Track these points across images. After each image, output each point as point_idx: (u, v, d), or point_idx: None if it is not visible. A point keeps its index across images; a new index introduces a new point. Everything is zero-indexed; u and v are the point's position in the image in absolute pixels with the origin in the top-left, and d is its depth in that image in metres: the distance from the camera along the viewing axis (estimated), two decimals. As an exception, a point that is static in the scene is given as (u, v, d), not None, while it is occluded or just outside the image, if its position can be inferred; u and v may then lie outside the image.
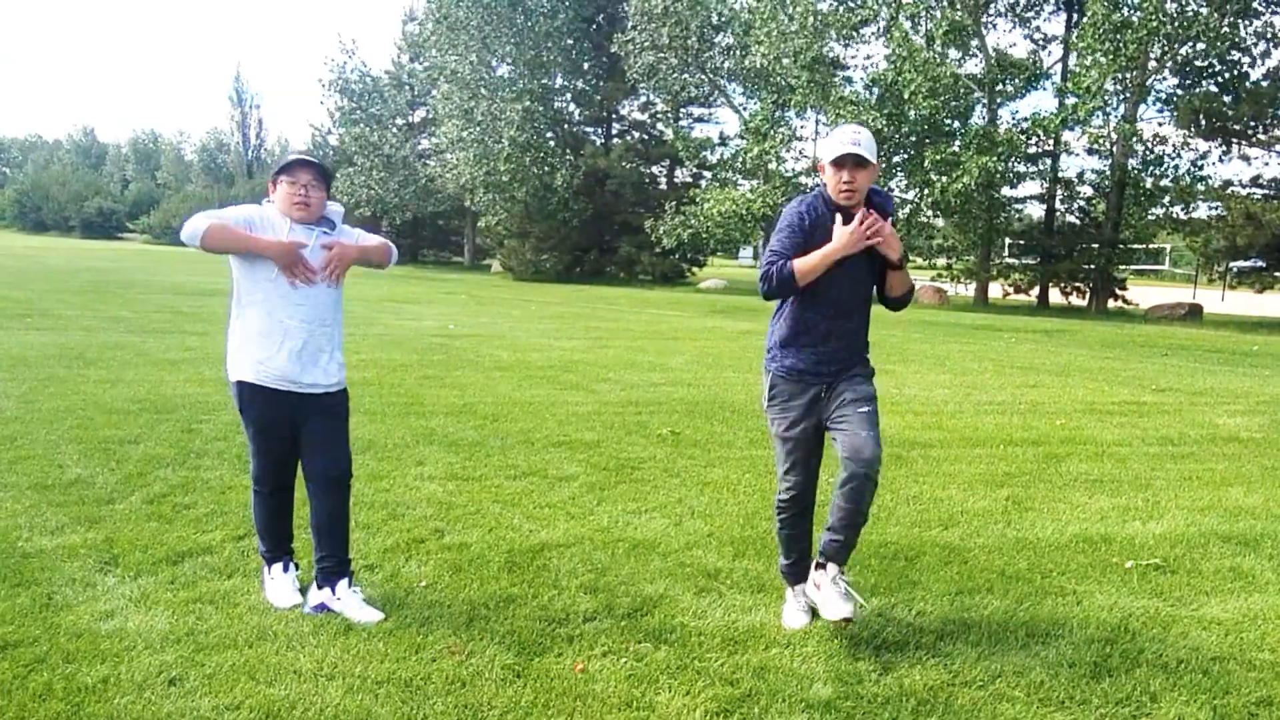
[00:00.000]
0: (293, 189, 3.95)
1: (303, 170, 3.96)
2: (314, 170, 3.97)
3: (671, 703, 3.32)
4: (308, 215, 3.98)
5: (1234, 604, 4.46)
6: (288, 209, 3.97)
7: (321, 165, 4.03)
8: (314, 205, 3.98)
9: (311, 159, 4.02)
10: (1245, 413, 9.96)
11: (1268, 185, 29.08)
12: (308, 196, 3.95)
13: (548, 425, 8.05)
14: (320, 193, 4.00)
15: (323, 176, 4.01)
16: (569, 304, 24.79)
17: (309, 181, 3.95)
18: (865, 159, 3.69)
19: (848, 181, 3.72)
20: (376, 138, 51.85)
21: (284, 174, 3.96)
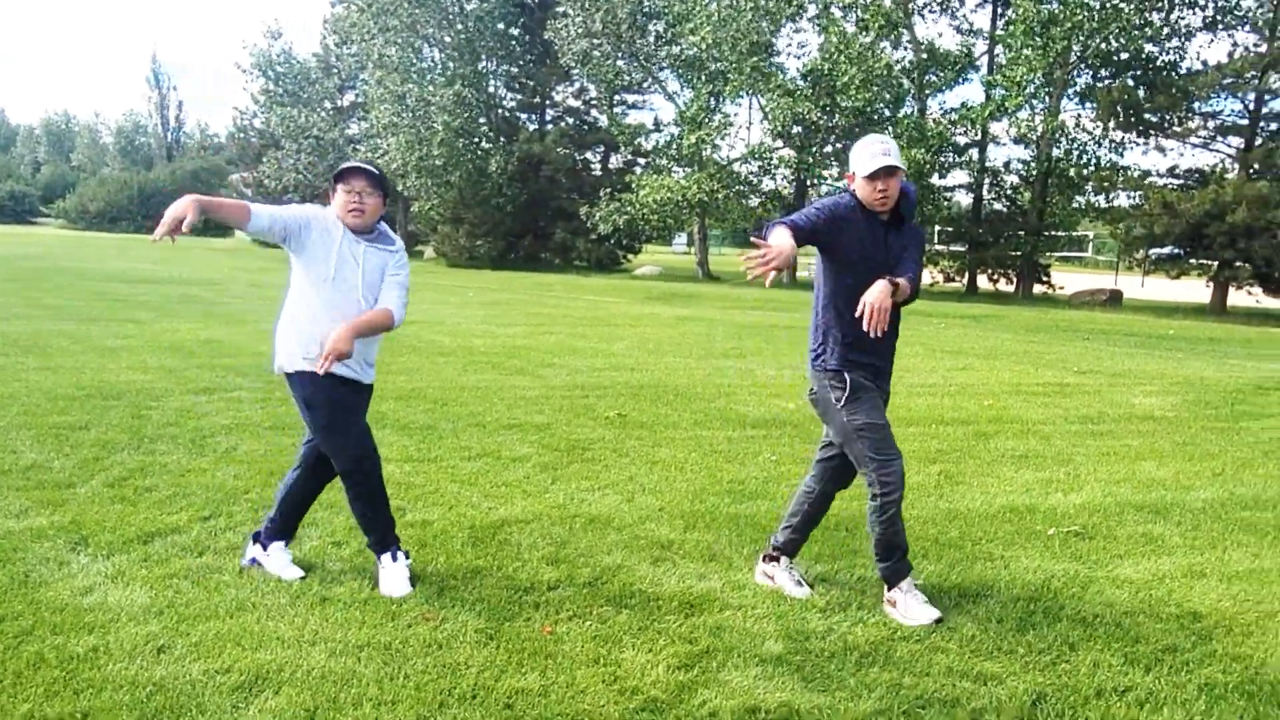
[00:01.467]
0: (349, 196, 4.00)
1: (357, 177, 4.01)
2: (369, 177, 4.02)
3: (636, 659, 3.57)
4: (363, 222, 4.04)
5: (1144, 565, 4.84)
6: (343, 215, 4.03)
7: (378, 172, 4.07)
8: (369, 212, 4.03)
9: (368, 166, 4.05)
10: (1160, 393, 10.49)
11: (1183, 176, 30.14)
12: (362, 203, 4.01)
13: (497, 409, 8.23)
14: (375, 200, 4.05)
15: (378, 184, 4.06)
16: (506, 290, 24.88)
17: (363, 189, 4.01)
18: (896, 167, 3.92)
19: (883, 189, 3.94)
20: (304, 120, 50.82)
21: (339, 180, 4.03)
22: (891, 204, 4.00)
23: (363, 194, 4.01)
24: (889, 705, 3.31)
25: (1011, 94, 28.69)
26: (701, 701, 3.29)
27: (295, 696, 3.20)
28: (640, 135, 41.21)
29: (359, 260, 4.04)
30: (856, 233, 4.01)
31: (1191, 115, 29.65)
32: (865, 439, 4.07)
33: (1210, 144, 30.07)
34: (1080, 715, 3.30)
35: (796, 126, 31.82)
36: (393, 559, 4.17)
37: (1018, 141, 33.07)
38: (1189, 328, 21.17)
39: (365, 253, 4.06)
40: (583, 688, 3.36)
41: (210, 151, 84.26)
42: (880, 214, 4.03)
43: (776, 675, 3.50)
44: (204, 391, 8.40)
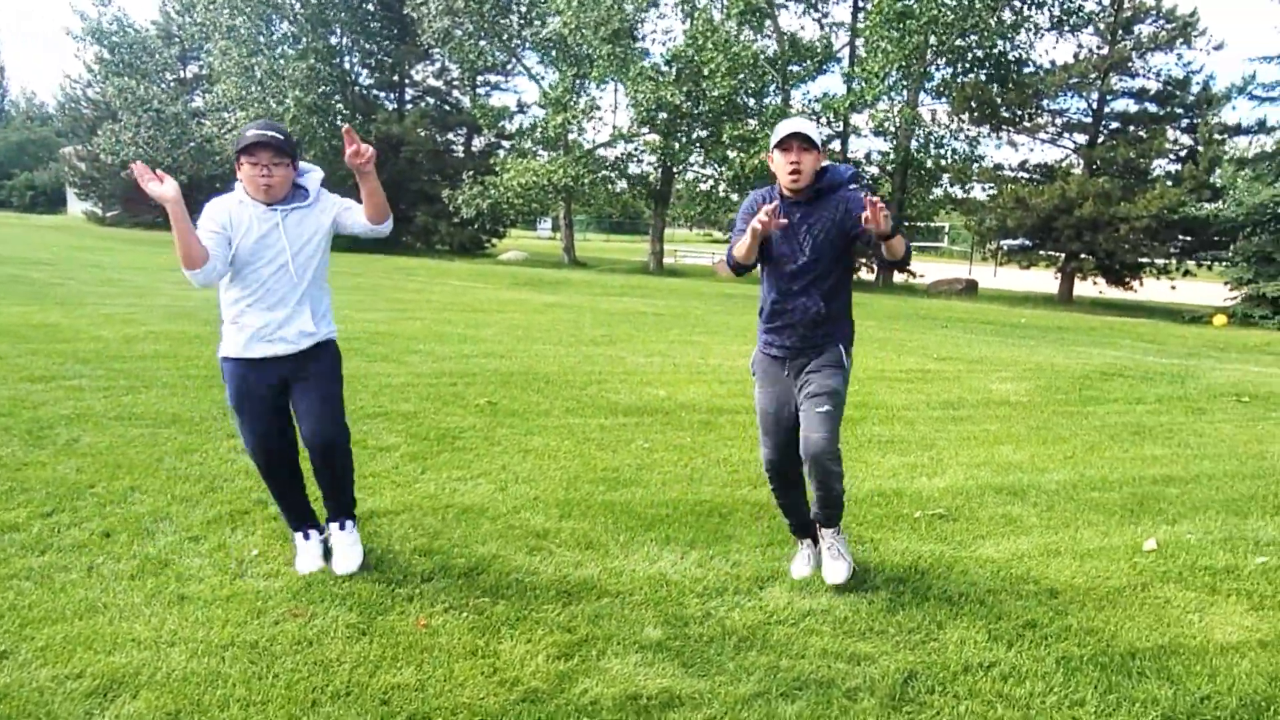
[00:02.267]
0: (255, 170, 3.83)
1: (262, 149, 3.81)
2: (272, 148, 3.82)
3: (514, 650, 3.51)
4: (274, 194, 3.87)
5: (1005, 545, 5.02)
6: (254, 191, 3.86)
7: (282, 139, 3.86)
8: (279, 183, 3.87)
9: (271, 135, 3.81)
10: (1014, 379, 10.94)
11: (1033, 170, 31.58)
12: (271, 175, 3.83)
13: (361, 397, 8.00)
14: (284, 169, 3.87)
15: (284, 151, 3.85)
16: (366, 274, 24.24)
17: (270, 160, 3.82)
18: (810, 138, 3.91)
19: (794, 161, 3.92)
20: (144, 92, 48.08)
21: (244, 155, 3.83)
22: (804, 183, 4.00)
23: (270, 165, 3.84)
24: (767, 687, 3.34)
25: (870, 85, 29.49)
26: (582, 690, 3.26)
27: (155, 700, 3.03)
28: (504, 118, 40.74)
29: (281, 232, 3.91)
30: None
31: (1041, 112, 31.12)
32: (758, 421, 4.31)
33: (1057, 140, 31.61)
34: (949, 691, 3.39)
35: (662, 113, 31.97)
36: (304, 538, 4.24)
37: (877, 133, 34.05)
38: (1040, 317, 22.20)
39: (285, 220, 3.93)
40: (461, 680, 3.28)
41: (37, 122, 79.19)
42: (796, 197, 4.03)
43: (656, 661, 3.49)
44: (40, 380, 7.89)
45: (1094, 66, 29.08)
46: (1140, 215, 26.32)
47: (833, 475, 4.02)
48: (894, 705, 3.28)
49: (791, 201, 4.06)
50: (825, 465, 3.98)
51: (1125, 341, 16.77)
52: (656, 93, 30.99)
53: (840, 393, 4.09)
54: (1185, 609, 4.27)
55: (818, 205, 4.06)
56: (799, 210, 4.06)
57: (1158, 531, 5.36)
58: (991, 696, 3.37)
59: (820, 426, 3.98)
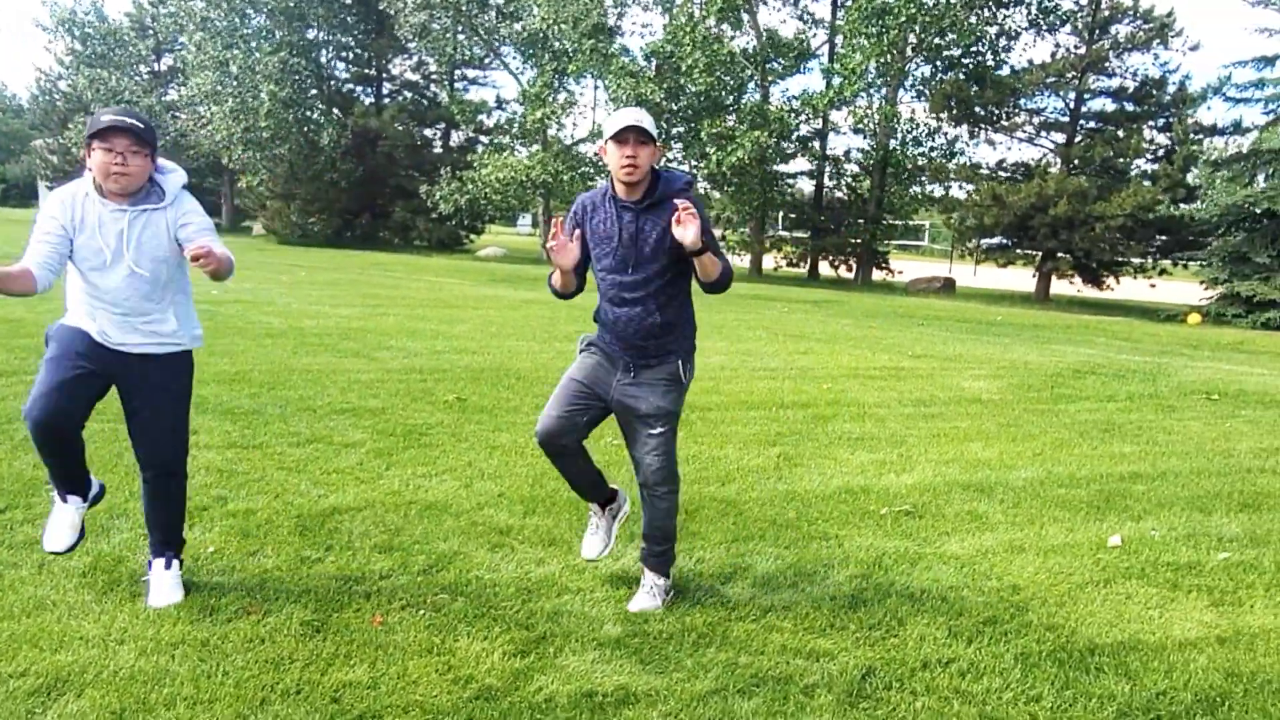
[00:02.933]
0: (108, 156, 3.42)
1: (119, 135, 3.41)
2: (132, 135, 3.43)
3: (470, 647, 3.47)
4: (128, 186, 3.48)
5: (970, 542, 5.02)
6: (104, 180, 3.46)
7: (142, 127, 3.46)
8: (134, 174, 3.47)
9: (129, 120, 3.43)
10: (988, 377, 10.97)
11: (1010, 169, 31.72)
12: (126, 165, 3.43)
13: (329, 393, 7.93)
14: (142, 160, 3.47)
15: (143, 140, 3.46)
16: (341, 270, 24.11)
17: (127, 148, 3.42)
18: (647, 132, 3.71)
19: (630, 156, 3.70)
20: (116, 84, 47.56)
21: (96, 139, 3.43)
22: (640, 176, 3.77)
23: (126, 154, 3.44)
24: (724, 684, 3.32)
25: (849, 82, 29.54)
26: (537, 688, 3.22)
27: (100, 699, 2.97)
28: (482, 112, 40.61)
29: (127, 232, 3.52)
30: (599, 218, 3.86)
31: (1018, 111, 31.27)
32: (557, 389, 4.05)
33: (1035, 139, 31.77)
34: (907, 687, 3.38)
35: (640, 107, 31.92)
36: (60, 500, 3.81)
37: (857, 131, 34.12)
38: (1016, 315, 22.31)
39: (132, 221, 3.52)
40: (415, 678, 3.24)
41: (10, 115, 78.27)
42: (631, 199, 3.82)
43: (614, 658, 3.47)
44: (0, 374, 7.79)
45: (1071, 66, 29.25)
46: (1116, 214, 26.49)
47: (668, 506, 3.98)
48: (850, 701, 3.26)
49: (624, 205, 3.83)
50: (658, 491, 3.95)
51: (1100, 339, 16.86)
52: (636, 89, 30.97)
53: (674, 413, 3.95)
54: (1146, 605, 4.28)
55: (653, 211, 3.82)
56: (642, 217, 3.82)
57: (1123, 528, 5.38)
58: (949, 693, 3.36)
59: (654, 450, 3.90)
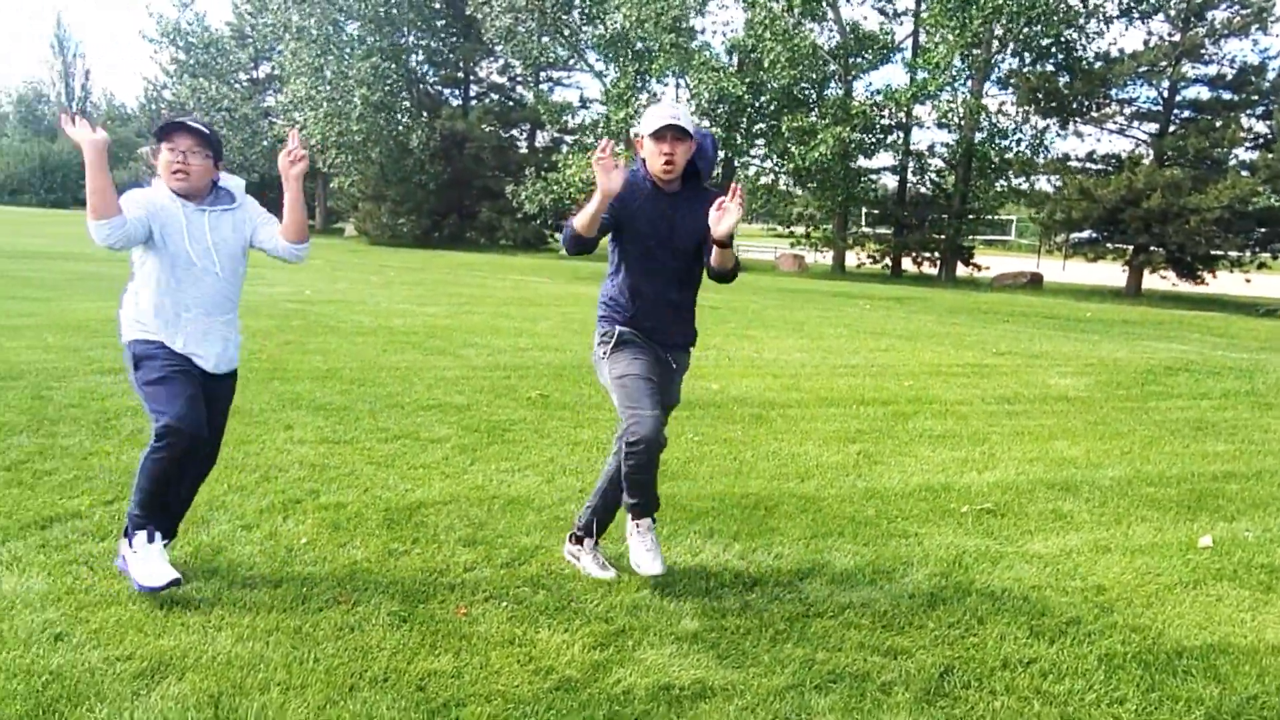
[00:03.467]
0: (172, 156, 3.65)
1: (182, 135, 3.65)
2: (195, 135, 3.66)
3: (551, 639, 3.55)
4: (188, 185, 3.68)
5: (1053, 541, 4.95)
6: (167, 178, 3.70)
7: (206, 129, 3.71)
8: (195, 174, 3.68)
9: (193, 122, 3.69)
10: (1074, 374, 10.75)
11: (1100, 161, 30.89)
12: (187, 163, 3.65)
13: (416, 389, 8.12)
14: (203, 160, 3.68)
15: (207, 142, 3.69)
16: (429, 269, 24.57)
17: (189, 147, 3.65)
18: (685, 130, 3.75)
19: (668, 153, 3.76)
20: (217, 92, 49.20)
21: (162, 139, 3.67)
22: (677, 174, 3.84)
23: (188, 153, 3.65)
24: (801, 680, 3.34)
25: (933, 76, 29.09)
26: (616, 680, 3.29)
27: (199, 682, 3.12)
28: (567, 113, 40.92)
29: (210, 233, 3.74)
30: (641, 201, 3.89)
31: (1109, 102, 30.40)
32: (620, 390, 3.92)
33: (1126, 130, 30.88)
34: (986, 686, 3.37)
35: (722, 105, 31.85)
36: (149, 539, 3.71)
37: (941, 125, 33.56)
38: (1105, 310, 21.76)
39: (210, 219, 3.75)
40: (497, 668, 3.33)
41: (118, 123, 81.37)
42: (667, 188, 3.88)
43: (691, 652, 3.51)
44: (109, 372, 8.14)
45: (1164, 54, 28.33)
46: (1212, 206, 25.60)
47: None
48: (928, 700, 3.26)
49: (662, 192, 3.90)
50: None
51: (1194, 336, 16.37)
52: (718, 84, 30.88)
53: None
54: (1238, 607, 4.18)
55: (689, 200, 3.90)
56: (680, 207, 3.90)
57: (1214, 528, 5.25)
58: (1029, 693, 3.34)
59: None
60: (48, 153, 72.87)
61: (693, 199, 3.91)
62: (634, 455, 3.79)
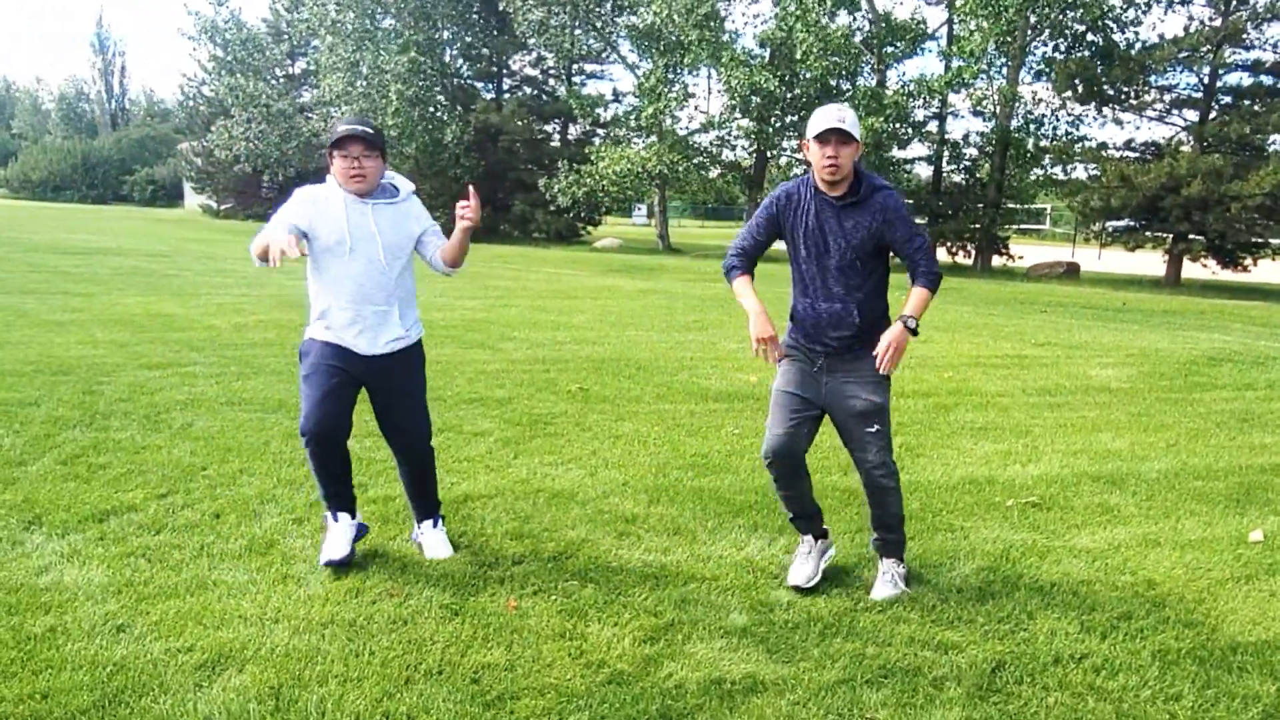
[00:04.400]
0: (345, 162, 3.95)
1: (353, 143, 3.94)
2: (363, 141, 3.95)
3: (601, 633, 3.58)
4: (365, 186, 4.00)
5: (1101, 535, 4.92)
6: (344, 182, 3.99)
7: (372, 133, 3.99)
8: (370, 175, 3.99)
9: (361, 129, 3.96)
10: (1116, 365, 10.64)
11: (1139, 148, 30.45)
12: (362, 168, 3.96)
13: (457, 383, 8.18)
14: (374, 161, 4.00)
15: (374, 145, 3.99)
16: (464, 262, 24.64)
17: (360, 153, 3.95)
18: (849, 134, 3.77)
19: (831, 156, 3.78)
20: (254, 89, 49.65)
21: (335, 148, 3.96)
22: (841, 175, 3.84)
23: (360, 158, 3.96)
24: (852, 675, 3.35)
25: (968, 65, 28.82)
26: (667, 674, 3.31)
27: (259, 674, 3.18)
28: (599, 106, 40.90)
29: (372, 222, 4.02)
30: (799, 212, 3.94)
31: (1148, 89, 29.91)
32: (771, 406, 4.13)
33: (1165, 117, 30.39)
34: (1038, 682, 3.36)
35: (755, 97, 31.74)
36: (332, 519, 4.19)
37: (976, 114, 33.24)
38: (1145, 300, 21.49)
39: (375, 212, 4.04)
40: (549, 661, 3.36)
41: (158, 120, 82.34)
42: (833, 194, 3.89)
43: (741, 647, 3.53)
44: (157, 367, 8.26)
45: (1205, 39, 27.86)
46: (1254, 193, 25.15)
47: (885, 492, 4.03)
48: (981, 695, 3.26)
49: (826, 199, 3.89)
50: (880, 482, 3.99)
51: (1236, 325, 16.14)
52: (751, 78, 30.78)
53: (886, 406, 3.99)
54: (1292, 603, 4.13)
55: (857, 209, 3.89)
56: (843, 212, 3.89)
57: (1265, 522, 5.19)
58: (1082, 689, 3.33)
59: (874, 444, 3.95)
60: (89, 150, 73.96)
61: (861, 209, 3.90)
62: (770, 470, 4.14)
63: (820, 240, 3.92)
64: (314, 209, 3.99)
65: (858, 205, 3.90)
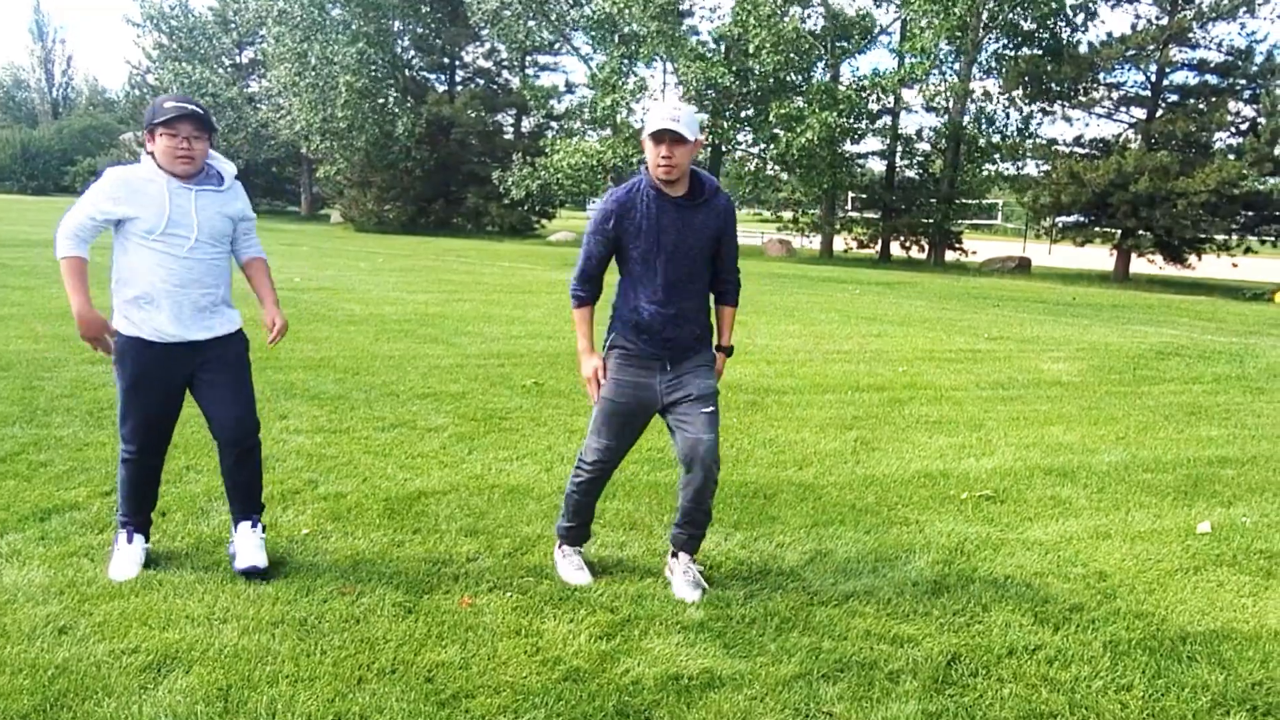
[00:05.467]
0: (173, 142, 3.65)
1: (183, 122, 3.64)
2: (195, 121, 3.66)
3: (557, 629, 3.54)
4: (192, 169, 3.74)
5: (1053, 527, 4.97)
6: (170, 164, 3.70)
7: (204, 114, 3.71)
8: (198, 158, 3.72)
9: (192, 108, 3.66)
10: (1067, 359, 10.78)
11: (1088, 145, 30.92)
12: (191, 149, 3.67)
13: (410, 378, 8.09)
14: (203, 144, 3.72)
15: (205, 126, 3.71)
16: (417, 256, 24.46)
17: (190, 133, 3.66)
18: (683, 135, 3.64)
19: (665, 156, 3.66)
20: (200, 77, 48.82)
21: (162, 126, 3.64)
22: (678, 175, 3.72)
23: (190, 139, 3.67)
24: (808, 669, 3.34)
25: (920, 61, 29.07)
26: (624, 670, 3.28)
27: (207, 675, 3.10)
28: (553, 98, 40.77)
29: (194, 209, 3.75)
30: (635, 217, 3.77)
31: (1096, 86, 30.39)
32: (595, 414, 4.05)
33: (1114, 115, 30.89)
34: (993, 674, 3.37)
35: (710, 91, 31.78)
36: (128, 540, 3.95)
37: (929, 109, 33.55)
38: (1094, 295, 21.84)
39: (198, 197, 3.76)
40: (504, 659, 3.32)
41: (101, 109, 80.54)
42: (674, 194, 3.77)
43: (698, 642, 3.51)
44: (100, 362, 8.07)
45: (1152, 38, 28.34)
46: (1199, 190, 25.66)
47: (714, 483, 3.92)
48: (936, 688, 3.26)
49: (665, 201, 3.76)
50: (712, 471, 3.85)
51: (1183, 320, 16.44)
52: (706, 72, 30.82)
53: (717, 393, 3.94)
54: (1239, 593, 4.20)
55: (696, 210, 3.80)
56: (685, 212, 3.78)
57: (1212, 514, 5.28)
58: (1036, 680, 3.35)
59: (709, 427, 3.82)
60: (29, 139, 72.19)
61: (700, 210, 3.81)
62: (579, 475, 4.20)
63: (666, 241, 3.76)
64: (127, 193, 3.70)
65: (704, 205, 3.81)
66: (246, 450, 4.02)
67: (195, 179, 3.79)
